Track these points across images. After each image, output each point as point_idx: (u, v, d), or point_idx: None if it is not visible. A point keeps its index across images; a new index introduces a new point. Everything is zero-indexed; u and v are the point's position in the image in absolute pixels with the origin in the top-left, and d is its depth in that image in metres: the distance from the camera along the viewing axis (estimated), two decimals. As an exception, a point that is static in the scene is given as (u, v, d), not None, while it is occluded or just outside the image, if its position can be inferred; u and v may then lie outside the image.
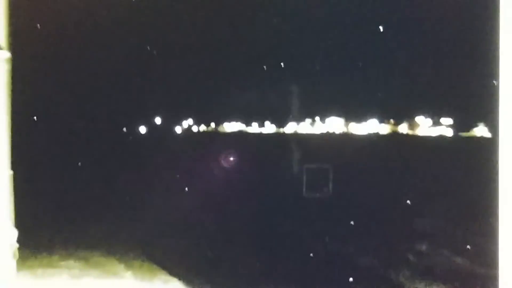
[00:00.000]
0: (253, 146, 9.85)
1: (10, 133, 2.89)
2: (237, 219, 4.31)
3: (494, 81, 2.74)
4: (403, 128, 14.00)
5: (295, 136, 12.36)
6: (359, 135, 13.82)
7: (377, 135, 13.83)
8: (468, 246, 3.74)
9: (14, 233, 2.93)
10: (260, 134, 12.22)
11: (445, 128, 13.43)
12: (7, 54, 2.84)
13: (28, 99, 3.33)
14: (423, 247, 4.13)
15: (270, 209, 4.99)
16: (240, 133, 11.88)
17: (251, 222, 4.43)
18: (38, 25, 3.24)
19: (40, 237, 3.51)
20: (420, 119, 14.03)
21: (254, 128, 11.36)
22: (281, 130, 12.48)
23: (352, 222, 4.13)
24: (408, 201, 4.20)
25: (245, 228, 4.10)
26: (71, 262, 3.94)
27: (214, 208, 4.41)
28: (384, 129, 14.16)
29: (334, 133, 13.90)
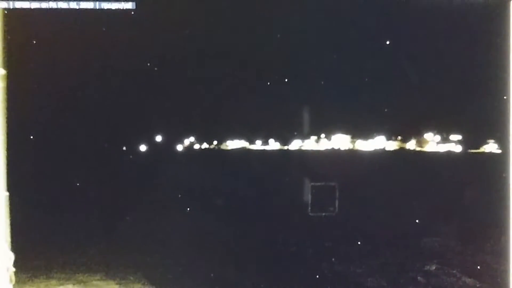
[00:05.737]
0: (257, 163, 9.77)
1: (5, 153, 2.83)
2: (240, 239, 4.23)
3: (505, 96, 2.67)
4: (411, 145, 13.88)
5: (300, 153, 12.24)
6: (366, 152, 13.69)
7: (384, 151, 13.70)
8: (479, 266, 3.66)
9: (11, 257, 2.86)
10: (264, 151, 12.07)
11: (454, 144, 13.29)
12: (2, 71, 2.79)
13: (25, 117, 3.27)
14: (432, 267, 4.04)
15: (275, 227, 4.91)
16: (244, 150, 11.74)
17: (255, 241, 4.35)
18: (34, 41, 3.20)
19: (37, 261, 3.43)
20: (428, 135, 13.89)
21: (257, 145, 11.22)
22: (286, 147, 12.35)
23: (359, 242, 4.05)
24: (417, 220, 4.12)
25: (249, 248, 4.02)
26: (69, 286, 3.85)
27: (217, 228, 4.33)
28: (392, 145, 14.04)
29: (340, 150, 13.76)
